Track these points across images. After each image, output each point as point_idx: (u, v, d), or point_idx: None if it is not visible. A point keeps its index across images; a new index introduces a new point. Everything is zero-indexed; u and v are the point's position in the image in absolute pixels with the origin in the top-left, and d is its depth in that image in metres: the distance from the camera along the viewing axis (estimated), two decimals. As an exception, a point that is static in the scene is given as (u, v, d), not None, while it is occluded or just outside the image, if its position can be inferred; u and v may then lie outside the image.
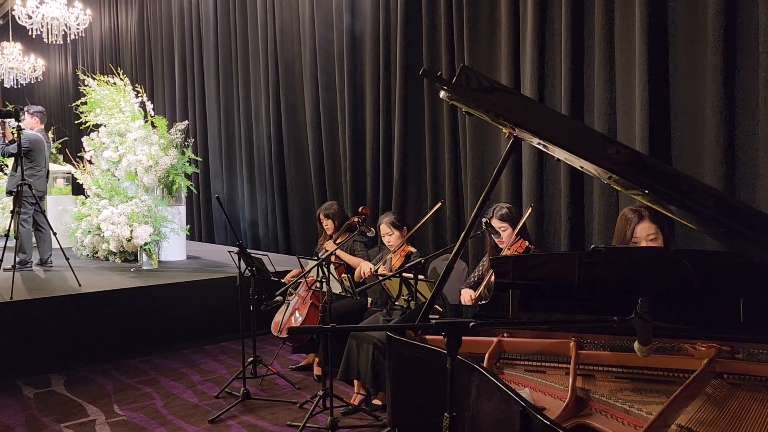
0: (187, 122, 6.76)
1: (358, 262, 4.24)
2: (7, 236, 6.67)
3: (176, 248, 6.61)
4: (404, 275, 3.09)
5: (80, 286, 4.86)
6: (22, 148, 5.19)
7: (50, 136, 9.50)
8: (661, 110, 3.46)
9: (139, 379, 4.27)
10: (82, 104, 6.73)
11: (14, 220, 5.34)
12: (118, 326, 4.74)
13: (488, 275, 3.36)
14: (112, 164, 6.52)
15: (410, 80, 5.13)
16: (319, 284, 3.45)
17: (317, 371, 4.26)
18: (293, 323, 4.11)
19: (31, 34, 9.89)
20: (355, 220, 3.90)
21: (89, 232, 6.67)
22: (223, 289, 5.27)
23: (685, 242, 3.34)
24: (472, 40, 4.51)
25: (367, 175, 5.64)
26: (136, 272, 5.75)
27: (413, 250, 3.94)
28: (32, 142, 5.83)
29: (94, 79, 6.76)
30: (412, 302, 3.07)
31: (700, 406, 1.52)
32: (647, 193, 1.41)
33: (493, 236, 3.33)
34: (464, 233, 1.85)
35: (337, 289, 3.48)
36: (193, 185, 6.84)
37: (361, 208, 4.04)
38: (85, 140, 6.87)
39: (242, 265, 3.90)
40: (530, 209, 3.36)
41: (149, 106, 6.62)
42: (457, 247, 1.87)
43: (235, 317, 4.92)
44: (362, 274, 4.02)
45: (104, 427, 3.45)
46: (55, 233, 5.28)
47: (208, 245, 8.13)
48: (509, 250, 3.31)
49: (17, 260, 5.66)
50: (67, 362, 4.48)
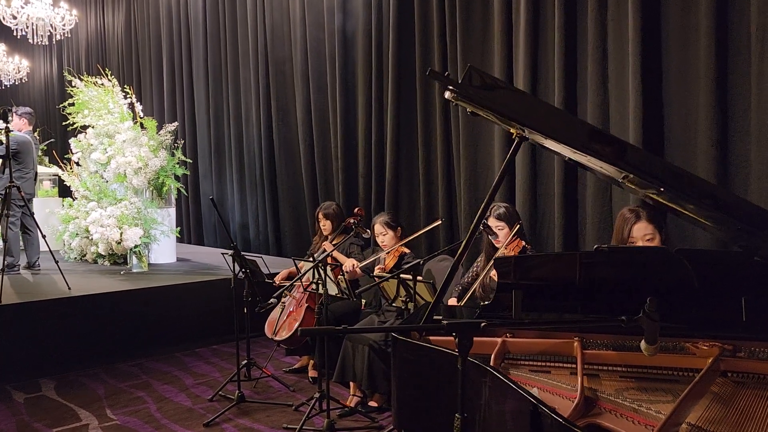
0: (176, 123, 6.70)
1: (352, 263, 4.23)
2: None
3: (166, 251, 6.56)
4: (402, 277, 3.08)
5: (70, 289, 4.80)
6: (10, 150, 5.11)
7: (36, 137, 9.42)
8: (654, 110, 3.49)
9: (130, 383, 4.23)
10: (69, 105, 6.66)
11: (2, 223, 5.26)
12: (108, 330, 4.68)
13: (482, 274, 3.37)
14: (100, 166, 6.44)
15: (403, 80, 5.12)
16: (315, 286, 3.43)
17: (312, 373, 4.24)
18: (288, 326, 4.09)
19: (16, 34, 9.76)
20: (351, 221, 3.88)
21: (77, 234, 6.59)
22: (214, 291, 5.23)
23: (679, 240, 3.36)
24: (464, 39, 4.51)
25: (359, 176, 5.62)
26: (126, 275, 5.69)
27: (407, 251, 3.93)
28: (20, 143, 5.75)
29: (81, 80, 6.68)
30: (409, 303, 3.06)
31: (707, 404, 1.53)
32: (663, 191, 1.42)
33: (489, 236, 3.33)
34: (470, 233, 1.85)
35: (333, 290, 3.47)
36: (183, 187, 6.78)
37: (356, 209, 4.03)
38: (72, 142, 6.78)
39: (236, 267, 3.88)
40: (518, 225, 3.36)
41: (138, 107, 6.56)
42: (462, 247, 1.87)
43: (226, 320, 4.90)
44: (345, 270, 3.98)
45: (97, 431, 3.41)
46: (44, 236, 5.21)
47: (198, 247, 8.07)
48: (506, 249, 3.31)
49: (5, 263, 5.58)
50: (57, 366, 4.42)
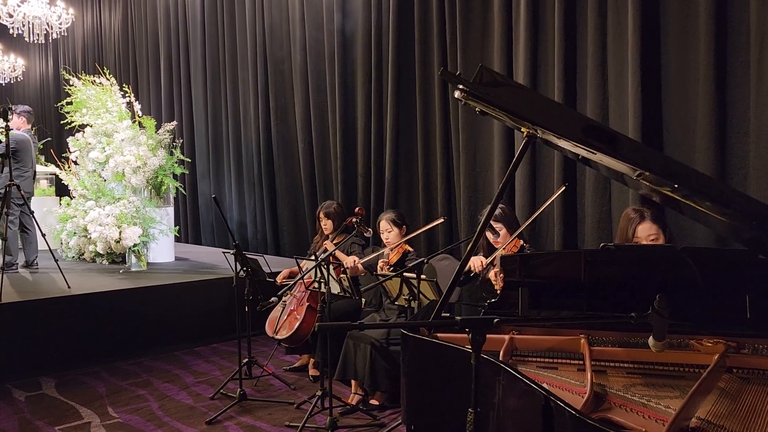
0: (175, 123, 6.70)
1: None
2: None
3: (164, 250, 6.55)
4: (406, 275, 3.10)
5: (69, 288, 4.80)
6: (9, 148, 5.10)
7: (34, 136, 9.39)
8: (653, 109, 3.52)
9: (131, 381, 4.23)
10: (67, 104, 6.64)
11: (1, 221, 5.25)
12: (108, 328, 4.68)
13: (483, 273, 3.39)
14: (98, 165, 6.44)
15: (402, 80, 5.14)
16: (317, 285, 3.44)
17: (312, 372, 4.26)
18: (289, 325, 4.10)
19: (12, 33, 9.72)
20: (352, 220, 3.90)
21: (75, 233, 6.58)
22: (213, 290, 5.24)
23: (677, 237, 3.39)
24: (464, 38, 4.54)
25: (358, 175, 5.64)
26: (125, 274, 5.69)
27: (410, 249, 3.95)
28: (19, 142, 5.74)
29: (79, 78, 6.67)
30: (413, 302, 3.08)
31: (715, 399, 1.55)
32: (677, 187, 1.45)
33: (491, 236, 3.36)
34: (478, 231, 1.87)
35: (335, 289, 3.48)
36: (181, 186, 6.78)
37: (357, 208, 4.04)
38: (70, 141, 6.77)
39: (237, 266, 3.89)
40: (563, 187, 3.35)
41: (137, 106, 6.55)
42: (471, 245, 1.89)
43: (226, 319, 4.92)
44: (347, 266, 3.99)
45: (100, 429, 3.41)
46: (44, 234, 5.20)
47: (196, 247, 8.06)
48: (504, 249, 3.34)
49: (3, 262, 5.57)
50: (57, 365, 4.42)
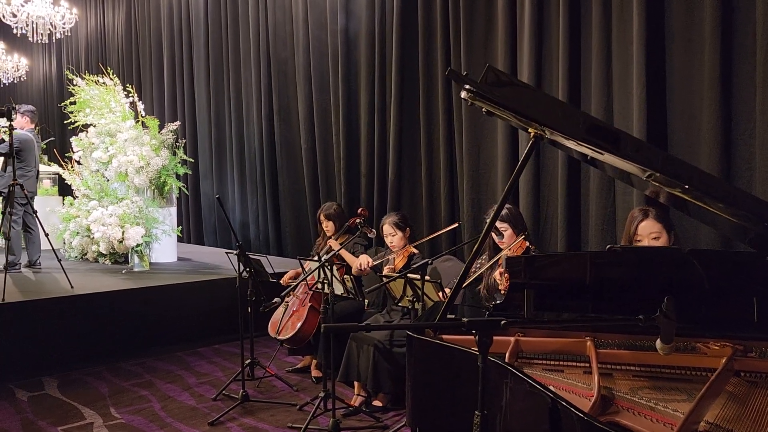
0: (178, 123, 6.70)
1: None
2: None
3: (167, 250, 6.55)
4: (410, 276, 3.09)
5: (72, 288, 4.80)
6: (13, 147, 5.10)
7: (38, 135, 9.40)
8: (657, 111, 3.51)
9: (134, 381, 4.22)
10: (71, 104, 6.65)
11: (5, 221, 5.25)
12: (110, 329, 4.68)
13: (487, 275, 3.38)
14: (101, 165, 6.44)
15: (405, 80, 5.13)
16: (320, 285, 3.43)
17: (315, 373, 4.24)
18: (292, 326, 4.09)
19: (15, 32, 9.74)
20: (356, 221, 3.89)
21: (78, 233, 6.59)
22: (216, 291, 5.24)
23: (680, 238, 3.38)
24: (468, 39, 4.53)
25: (361, 176, 5.63)
26: (127, 274, 5.68)
27: (415, 251, 3.94)
28: (22, 141, 5.74)
29: (82, 78, 6.67)
30: (416, 303, 3.07)
31: (724, 403, 1.54)
32: (688, 188, 1.44)
33: (496, 236, 3.34)
34: (483, 233, 1.86)
35: (339, 290, 3.47)
36: (184, 186, 6.78)
37: (360, 209, 4.03)
38: (73, 140, 6.78)
39: (240, 266, 3.88)
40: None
41: (140, 106, 6.55)
42: (476, 247, 1.88)
43: (228, 319, 4.91)
44: (359, 266, 3.98)
45: (102, 429, 3.41)
46: (47, 234, 5.20)
47: (198, 247, 8.06)
48: (510, 250, 3.32)
49: (6, 262, 5.57)
50: (59, 365, 4.42)
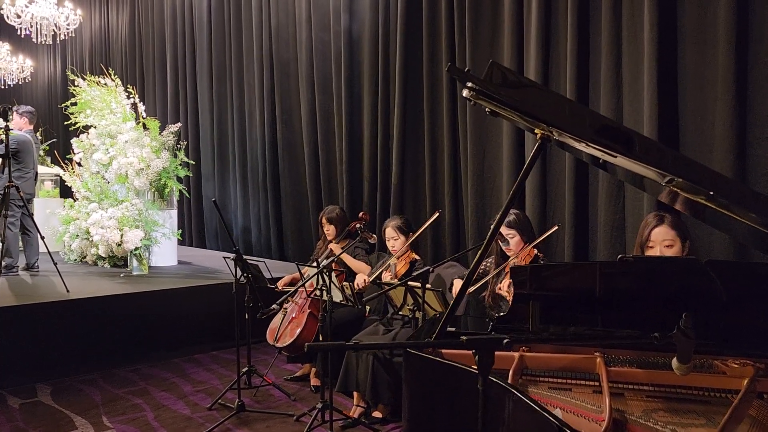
0: (179, 124, 6.61)
1: (360, 266, 4.12)
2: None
3: (167, 253, 6.45)
4: (411, 284, 2.97)
5: (68, 291, 4.70)
6: (9, 149, 5.02)
7: (38, 137, 9.35)
8: (669, 114, 3.38)
9: (128, 389, 4.12)
10: (71, 105, 6.57)
11: (1, 223, 5.16)
12: (106, 334, 4.57)
13: (492, 283, 3.26)
14: (102, 166, 6.36)
15: (409, 83, 5.02)
16: (318, 292, 3.32)
17: (314, 382, 4.12)
18: (290, 333, 3.99)
19: (19, 33, 9.70)
20: (356, 225, 3.77)
21: (77, 236, 6.49)
22: (215, 296, 5.12)
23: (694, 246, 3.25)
24: (473, 41, 4.42)
25: (364, 180, 5.52)
26: (125, 278, 5.58)
27: (417, 257, 3.83)
28: (20, 143, 5.66)
29: (84, 79, 6.60)
30: (417, 312, 2.95)
31: (747, 430, 1.41)
32: (713, 195, 1.31)
33: (501, 243, 3.23)
34: (486, 241, 1.74)
35: (338, 297, 3.36)
36: (185, 189, 6.68)
37: (361, 213, 3.92)
38: (74, 142, 6.70)
39: (238, 271, 3.77)
40: (556, 227, 3.26)
41: (141, 107, 6.47)
42: (478, 255, 1.76)
43: (227, 325, 4.80)
44: (357, 284, 3.89)
45: (92, 440, 3.30)
46: (43, 237, 5.11)
47: (199, 250, 7.97)
48: (518, 258, 3.20)
49: (3, 265, 5.49)
50: (53, 371, 4.32)
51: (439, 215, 3.81)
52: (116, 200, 6.07)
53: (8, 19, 9.49)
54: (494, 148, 4.37)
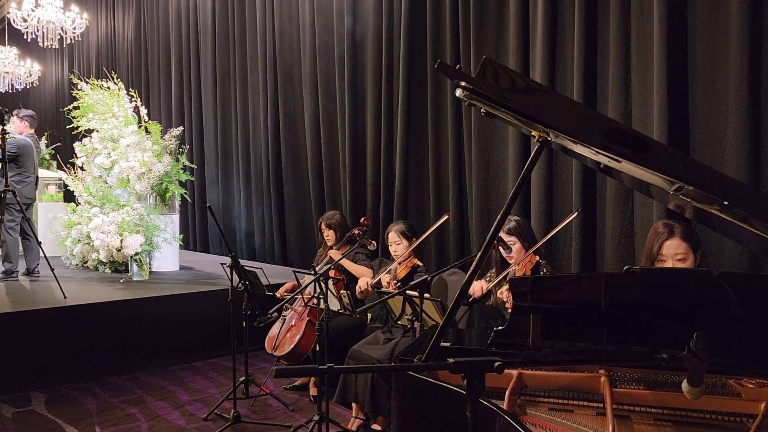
0: (181, 128, 6.55)
1: (362, 271, 4.02)
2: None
3: (169, 258, 6.38)
4: (408, 293, 2.86)
5: (65, 298, 4.63)
6: (8, 153, 4.96)
7: (44, 141, 9.33)
8: (680, 118, 3.25)
9: (123, 398, 4.03)
10: (74, 109, 6.52)
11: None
12: (103, 341, 4.49)
13: (495, 291, 3.15)
14: (104, 171, 6.30)
15: (413, 86, 4.92)
16: (315, 300, 3.22)
17: (313, 391, 4.02)
18: (289, 341, 3.89)
19: (26, 38, 9.71)
20: (355, 232, 3.68)
21: (79, 240, 6.44)
22: (215, 302, 5.04)
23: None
24: (478, 43, 4.31)
25: (367, 184, 5.42)
26: (125, 283, 5.51)
27: (419, 263, 3.72)
28: (21, 147, 5.61)
29: (87, 83, 6.55)
30: (416, 322, 2.84)
31: (764, 460, 1.30)
32: (727, 205, 1.19)
33: (504, 250, 3.12)
34: (483, 249, 1.63)
35: (335, 306, 3.26)
36: (187, 193, 6.61)
37: (362, 219, 3.82)
38: (77, 146, 6.65)
39: (235, 278, 3.69)
40: (575, 213, 3.15)
41: (143, 111, 6.41)
42: (474, 265, 1.65)
43: (226, 332, 4.68)
44: (359, 288, 3.80)
45: (83, 452, 3.21)
46: (39, 242, 5.04)
47: (202, 255, 7.89)
48: (518, 265, 3.10)
49: (2, 270, 5.44)
50: (48, 379, 4.24)
51: (447, 218, 3.68)
52: (118, 205, 6.01)
53: (15, 23, 9.50)
54: (499, 152, 4.26)
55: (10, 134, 5.10)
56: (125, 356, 4.57)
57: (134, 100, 6.47)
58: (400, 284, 3.62)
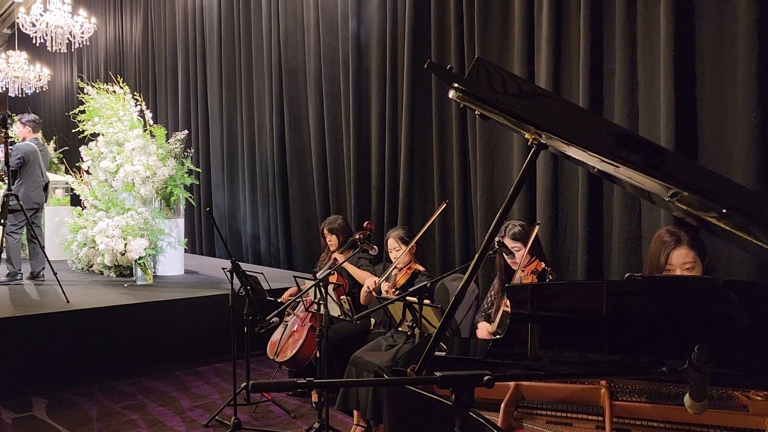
0: (186, 132, 6.54)
1: (365, 276, 3.98)
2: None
3: (174, 262, 6.37)
4: (408, 299, 2.81)
5: (68, 302, 4.62)
6: (15, 161, 4.97)
7: (52, 145, 9.36)
8: (687, 120, 3.19)
9: (125, 403, 4.00)
10: (80, 113, 6.53)
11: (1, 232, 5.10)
12: (106, 346, 4.47)
13: (503, 303, 3.09)
14: (109, 174, 6.30)
15: (417, 88, 4.88)
16: (316, 306, 3.18)
17: (315, 398, 3.97)
18: (291, 347, 3.85)
19: (35, 42, 9.76)
20: (357, 236, 3.63)
21: (84, 244, 6.43)
22: (219, 306, 5.00)
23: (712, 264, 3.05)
24: (483, 45, 4.27)
25: (372, 188, 5.38)
26: (129, 288, 5.49)
27: (421, 268, 3.67)
28: (26, 154, 5.61)
29: (93, 87, 6.56)
30: (416, 328, 2.79)
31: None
32: (726, 213, 1.13)
33: (506, 257, 3.06)
34: (478, 255, 1.58)
35: (335, 312, 3.22)
36: (192, 197, 6.60)
37: (366, 222, 3.78)
38: (82, 150, 6.66)
39: (235, 283, 3.65)
40: (537, 227, 3.06)
41: (148, 114, 6.41)
42: (470, 271, 1.60)
43: (229, 337, 4.66)
44: (366, 288, 3.74)
45: (81, 459, 3.18)
46: (42, 246, 5.03)
47: (208, 259, 7.88)
48: (522, 271, 3.04)
49: (6, 273, 5.44)
50: (51, 384, 4.22)
51: (446, 204, 3.58)
52: (123, 209, 6.00)
53: (23, 27, 9.56)
54: (504, 156, 4.20)
55: (12, 137, 5.10)
56: (128, 360, 4.55)
57: (139, 103, 6.47)
58: (399, 291, 3.57)
